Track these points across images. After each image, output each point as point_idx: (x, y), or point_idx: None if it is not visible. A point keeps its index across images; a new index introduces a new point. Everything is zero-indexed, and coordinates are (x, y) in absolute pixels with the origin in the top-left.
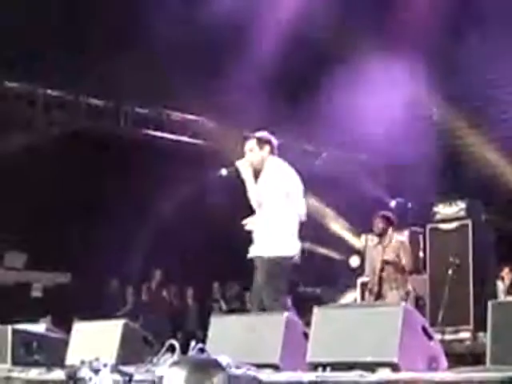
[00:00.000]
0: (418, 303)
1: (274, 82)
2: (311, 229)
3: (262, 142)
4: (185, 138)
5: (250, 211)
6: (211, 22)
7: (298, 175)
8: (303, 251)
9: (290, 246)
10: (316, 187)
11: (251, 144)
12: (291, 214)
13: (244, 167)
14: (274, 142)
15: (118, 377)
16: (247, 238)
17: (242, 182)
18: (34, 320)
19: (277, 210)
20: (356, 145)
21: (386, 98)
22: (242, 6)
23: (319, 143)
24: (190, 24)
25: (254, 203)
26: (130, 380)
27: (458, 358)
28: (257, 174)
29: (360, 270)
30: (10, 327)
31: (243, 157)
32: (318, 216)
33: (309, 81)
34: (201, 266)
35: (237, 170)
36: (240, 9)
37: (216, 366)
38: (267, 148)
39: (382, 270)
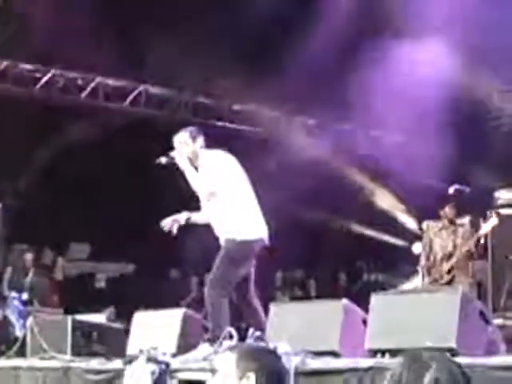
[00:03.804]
0: (479, 289)
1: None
2: (373, 215)
3: (194, 134)
4: (245, 127)
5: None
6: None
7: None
8: (366, 238)
9: (256, 229)
10: (379, 173)
11: (183, 137)
12: (249, 197)
13: (181, 158)
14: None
15: (153, 366)
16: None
17: (181, 173)
18: (97, 311)
19: (235, 196)
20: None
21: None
22: None
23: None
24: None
25: (202, 193)
26: (167, 368)
27: None
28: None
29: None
30: (70, 318)
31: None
32: (379, 203)
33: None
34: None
35: (174, 160)
36: None
37: (267, 352)
38: (200, 140)
39: (451, 257)
